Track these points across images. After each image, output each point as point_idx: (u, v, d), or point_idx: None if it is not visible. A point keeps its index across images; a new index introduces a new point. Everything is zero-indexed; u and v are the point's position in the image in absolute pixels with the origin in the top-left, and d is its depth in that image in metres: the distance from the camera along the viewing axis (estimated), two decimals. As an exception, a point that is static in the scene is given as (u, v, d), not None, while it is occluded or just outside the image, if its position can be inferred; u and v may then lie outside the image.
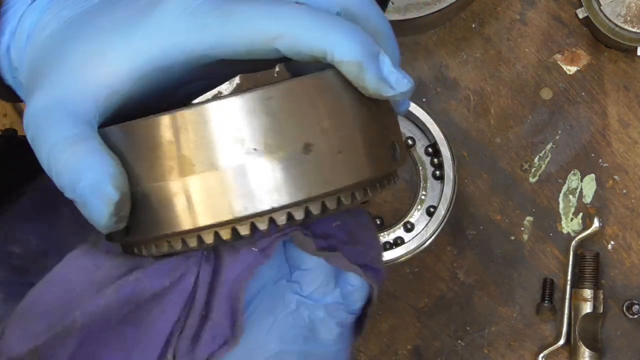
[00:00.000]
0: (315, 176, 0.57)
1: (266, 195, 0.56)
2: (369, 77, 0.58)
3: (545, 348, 0.99)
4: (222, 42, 0.58)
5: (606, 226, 1.00)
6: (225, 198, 0.56)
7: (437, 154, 0.98)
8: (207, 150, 0.56)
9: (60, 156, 0.56)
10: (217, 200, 0.56)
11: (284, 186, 0.56)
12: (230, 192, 0.56)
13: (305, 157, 0.57)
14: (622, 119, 1.01)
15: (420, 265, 1.00)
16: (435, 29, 1.01)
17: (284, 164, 0.56)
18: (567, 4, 1.01)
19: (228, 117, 0.56)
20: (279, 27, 0.57)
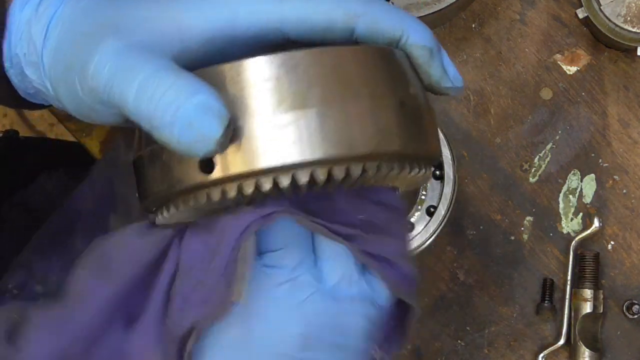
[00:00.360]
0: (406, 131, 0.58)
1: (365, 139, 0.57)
2: (436, 64, 0.61)
3: (545, 348, 0.99)
4: (302, 15, 0.58)
5: (606, 226, 1.00)
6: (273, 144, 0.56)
7: (437, 154, 0.98)
8: (317, 88, 0.56)
9: (162, 82, 0.54)
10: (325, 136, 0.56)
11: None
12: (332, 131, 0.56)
13: (400, 111, 0.59)
14: (622, 119, 1.01)
15: (420, 265, 1.00)
16: (435, 29, 1.01)
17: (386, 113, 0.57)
18: (567, 4, 1.01)
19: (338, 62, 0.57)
20: (360, 6, 0.58)
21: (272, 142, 0.56)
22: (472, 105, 1.01)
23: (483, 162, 1.01)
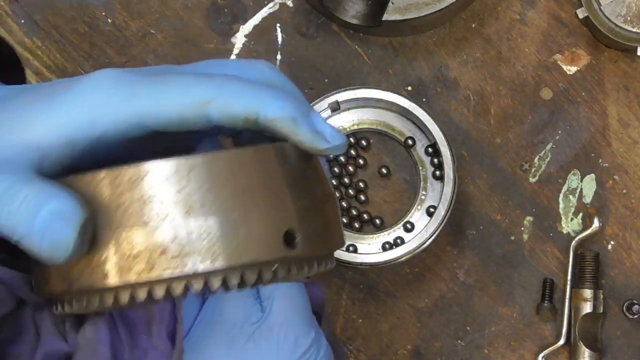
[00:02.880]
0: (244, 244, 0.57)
1: (190, 259, 0.56)
2: (304, 130, 0.59)
3: (545, 348, 0.99)
4: (153, 110, 0.58)
5: (606, 226, 1.00)
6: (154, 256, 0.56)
7: (437, 154, 0.98)
8: (143, 208, 0.56)
9: (16, 196, 0.55)
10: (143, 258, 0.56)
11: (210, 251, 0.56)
12: (158, 251, 0.56)
13: (238, 225, 0.57)
14: (622, 119, 1.01)
15: (420, 265, 1.00)
16: (435, 29, 1.01)
17: (214, 230, 0.56)
18: (567, 4, 1.01)
19: (165, 178, 0.57)
20: (210, 92, 0.58)
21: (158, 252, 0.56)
22: (472, 105, 1.01)
23: (483, 162, 1.01)
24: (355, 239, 0.98)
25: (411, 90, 1.01)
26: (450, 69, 1.01)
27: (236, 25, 1.01)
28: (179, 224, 0.56)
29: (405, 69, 1.01)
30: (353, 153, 1.00)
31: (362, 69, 1.01)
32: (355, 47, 1.01)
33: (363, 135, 1.00)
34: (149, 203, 0.56)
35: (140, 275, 0.56)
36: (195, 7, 1.01)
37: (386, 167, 1.00)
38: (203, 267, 0.56)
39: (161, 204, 0.56)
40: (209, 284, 0.56)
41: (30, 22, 1.01)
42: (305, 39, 1.01)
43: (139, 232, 0.56)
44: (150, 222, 0.56)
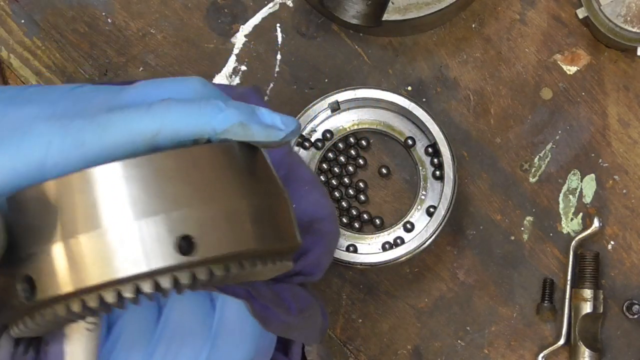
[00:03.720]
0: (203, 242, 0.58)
1: (143, 260, 0.57)
2: (255, 130, 0.60)
3: (545, 348, 0.99)
4: (103, 154, 0.59)
5: (606, 226, 1.00)
6: (105, 260, 0.57)
7: (437, 154, 0.98)
8: (89, 213, 0.57)
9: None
10: (98, 262, 0.57)
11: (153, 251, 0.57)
12: (109, 255, 0.57)
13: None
14: (622, 119, 1.01)
15: (420, 265, 1.00)
16: (435, 29, 1.01)
17: (159, 229, 0.57)
18: (567, 4, 1.01)
19: (109, 182, 0.57)
20: (155, 125, 0.59)
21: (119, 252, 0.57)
22: (472, 105, 1.01)
23: (483, 162, 1.01)
24: (355, 239, 0.98)
25: (411, 90, 1.01)
26: (450, 69, 1.01)
27: (236, 25, 1.01)
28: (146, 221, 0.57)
29: (405, 69, 1.01)
30: (353, 153, 1.00)
31: (362, 69, 1.01)
32: (355, 47, 1.01)
33: (363, 135, 1.00)
34: (93, 208, 0.57)
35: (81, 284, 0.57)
36: (195, 7, 1.01)
37: (386, 167, 1.00)
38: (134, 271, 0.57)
39: (103, 208, 0.57)
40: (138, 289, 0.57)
41: (30, 22, 1.01)
42: (305, 39, 1.01)
43: (86, 237, 0.57)
44: (104, 225, 0.57)
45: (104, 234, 0.57)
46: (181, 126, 0.59)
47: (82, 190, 0.57)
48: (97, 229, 0.57)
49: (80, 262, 0.57)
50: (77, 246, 0.57)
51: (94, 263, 0.57)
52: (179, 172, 0.58)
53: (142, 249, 0.57)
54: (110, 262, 0.57)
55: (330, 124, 1.00)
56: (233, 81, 1.01)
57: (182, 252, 0.57)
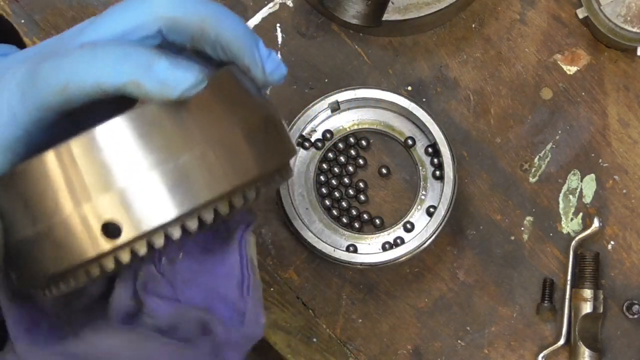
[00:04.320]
0: (207, 180, 0.60)
1: (160, 209, 0.59)
2: (148, 88, 0.60)
3: (545, 348, 0.99)
4: (38, 103, 0.60)
5: (606, 226, 1.00)
6: (122, 218, 0.58)
7: (437, 154, 0.98)
8: (96, 175, 0.58)
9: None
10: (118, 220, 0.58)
11: (176, 196, 0.59)
12: (126, 211, 0.58)
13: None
14: (622, 119, 1.01)
15: (420, 265, 1.00)
16: (435, 29, 1.01)
17: (171, 176, 0.59)
18: (567, 4, 1.01)
19: (111, 140, 0.59)
20: (62, 78, 0.60)
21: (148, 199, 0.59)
22: (472, 105, 1.01)
23: (483, 162, 1.01)
24: (355, 239, 0.98)
25: (411, 90, 1.01)
26: (450, 69, 1.01)
27: (236, 25, 1.01)
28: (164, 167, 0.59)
29: (405, 69, 1.01)
30: (353, 153, 1.00)
31: (362, 69, 1.01)
32: (355, 47, 1.01)
33: (363, 135, 1.00)
34: (106, 167, 0.58)
35: (118, 240, 0.58)
36: (195, 7, 1.01)
37: (386, 167, 1.00)
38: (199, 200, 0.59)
39: (116, 165, 0.58)
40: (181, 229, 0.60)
41: (30, 22, 1.01)
42: (305, 39, 1.01)
43: (104, 198, 0.58)
44: (113, 184, 0.58)
45: (120, 192, 0.58)
46: (81, 80, 0.60)
47: (84, 154, 0.58)
48: (111, 188, 0.58)
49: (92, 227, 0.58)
50: (92, 209, 0.58)
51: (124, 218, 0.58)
52: (168, 121, 0.59)
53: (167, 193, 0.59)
54: (135, 216, 0.58)
55: (330, 124, 1.00)
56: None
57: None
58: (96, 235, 0.58)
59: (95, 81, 0.59)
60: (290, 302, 1.00)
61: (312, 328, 1.00)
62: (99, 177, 0.58)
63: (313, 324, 1.00)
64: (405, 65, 1.01)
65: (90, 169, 0.58)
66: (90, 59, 0.60)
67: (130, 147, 0.58)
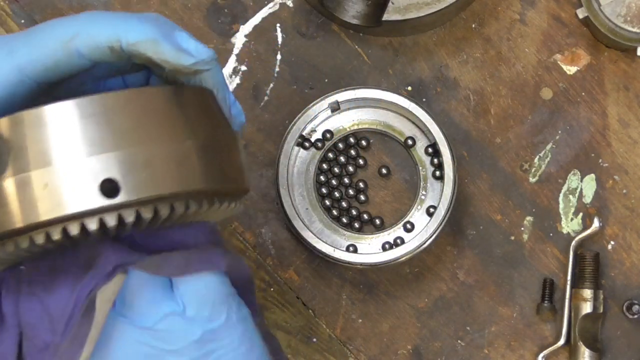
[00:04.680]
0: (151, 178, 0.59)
1: (94, 196, 0.58)
2: (166, 50, 0.61)
3: (545, 348, 0.99)
4: (29, 60, 0.60)
5: (606, 226, 1.00)
6: (57, 195, 0.58)
7: (437, 154, 0.98)
8: (40, 149, 0.58)
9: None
10: (50, 197, 0.58)
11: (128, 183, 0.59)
12: (61, 190, 0.58)
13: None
14: (622, 119, 1.01)
15: (420, 265, 1.00)
16: (435, 29, 1.01)
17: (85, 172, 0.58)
18: (567, 4, 1.01)
19: (60, 120, 0.59)
20: (72, 29, 0.60)
21: (78, 188, 0.58)
22: (472, 105, 1.01)
23: (483, 162, 1.01)
24: (355, 239, 0.98)
25: (411, 90, 1.01)
26: (450, 69, 1.01)
27: (236, 25, 1.01)
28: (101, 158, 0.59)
29: (405, 69, 1.01)
30: (353, 153, 1.00)
31: (362, 69, 1.01)
32: (355, 47, 1.01)
33: (363, 135, 1.00)
34: (47, 143, 0.58)
35: (49, 214, 0.58)
36: (195, 7, 1.01)
37: (386, 167, 1.00)
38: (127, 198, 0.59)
39: (57, 144, 0.58)
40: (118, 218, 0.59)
41: (30, 22, 1.01)
42: (305, 39, 1.01)
43: (42, 172, 0.58)
44: (54, 161, 0.58)
45: (50, 172, 0.58)
46: (97, 32, 0.60)
47: (33, 127, 0.58)
48: (46, 166, 0.58)
49: (29, 199, 0.58)
50: (27, 183, 0.58)
51: (40, 200, 0.58)
52: (113, 115, 0.59)
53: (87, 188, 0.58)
54: (57, 201, 0.58)
55: (330, 124, 1.00)
56: (233, 81, 1.01)
57: (106, 195, 0.58)
58: (14, 209, 0.58)
59: (113, 33, 0.59)
60: (290, 302, 1.00)
61: (312, 328, 1.00)
62: (41, 152, 0.58)
63: (313, 324, 1.00)
64: (405, 65, 1.01)
65: (36, 143, 0.58)
66: (110, 15, 0.60)
67: (76, 130, 0.58)
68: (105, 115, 0.59)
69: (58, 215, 0.58)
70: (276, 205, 0.99)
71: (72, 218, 0.58)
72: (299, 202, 0.98)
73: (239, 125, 0.68)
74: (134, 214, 0.59)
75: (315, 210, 0.99)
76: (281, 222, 1.00)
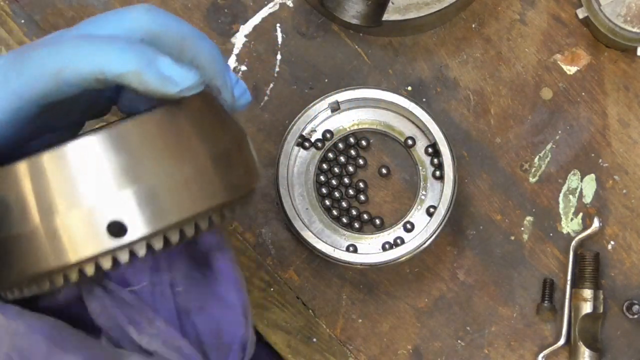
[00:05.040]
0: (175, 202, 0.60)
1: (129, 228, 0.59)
2: (150, 80, 0.60)
3: (545, 348, 0.99)
4: (21, 90, 0.60)
5: (606, 226, 1.00)
6: (87, 234, 0.59)
7: (437, 154, 0.98)
8: (65, 191, 0.58)
9: None
10: (80, 237, 0.59)
11: (143, 216, 0.59)
12: (92, 228, 0.59)
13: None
14: (622, 119, 1.01)
15: (420, 265, 1.00)
16: (435, 29, 1.01)
17: (138, 198, 0.59)
18: (567, 4, 1.01)
19: (82, 157, 0.59)
20: (58, 62, 0.60)
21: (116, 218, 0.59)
22: (472, 105, 1.01)
23: (483, 162, 1.01)
24: (355, 239, 0.98)
25: (411, 90, 1.01)
26: (450, 69, 1.01)
27: (236, 25, 1.01)
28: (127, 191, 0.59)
29: (405, 69, 1.01)
30: (353, 153, 1.00)
31: (362, 69, 1.01)
32: (355, 47, 1.01)
33: (363, 135, 1.00)
34: (74, 183, 0.59)
35: (80, 253, 0.59)
36: (195, 7, 1.01)
37: (386, 167, 1.00)
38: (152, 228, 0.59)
39: (82, 182, 0.59)
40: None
41: (30, 22, 1.01)
42: (305, 39, 1.01)
43: (74, 212, 0.59)
44: (81, 201, 0.59)
45: (88, 210, 0.58)
46: (80, 65, 0.60)
47: (56, 169, 0.59)
48: (79, 205, 0.59)
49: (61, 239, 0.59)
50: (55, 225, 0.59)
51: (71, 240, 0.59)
52: (139, 141, 0.60)
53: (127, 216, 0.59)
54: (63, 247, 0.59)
55: (330, 124, 1.00)
56: (233, 81, 1.01)
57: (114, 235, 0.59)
58: (63, 248, 0.59)
59: (96, 67, 0.59)
60: (290, 302, 1.00)
61: (312, 328, 1.00)
62: (68, 193, 0.58)
63: (313, 324, 1.00)
64: (405, 65, 1.01)
65: (60, 184, 0.58)
66: (93, 46, 0.60)
67: (101, 165, 0.59)
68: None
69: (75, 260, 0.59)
70: (276, 205, 0.99)
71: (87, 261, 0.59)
72: (299, 202, 0.98)
73: (245, 105, 0.67)
74: (178, 234, 0.60)
75: (315, 210, 0.99)
76: (281, 222, 1.00)
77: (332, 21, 1.01)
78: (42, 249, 0.59)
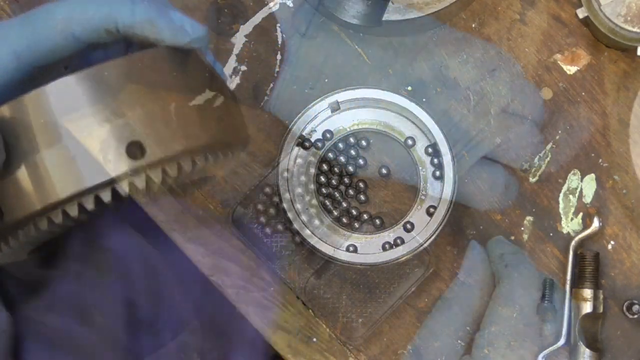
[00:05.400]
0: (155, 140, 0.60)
1: (112, 163, 0.59)
2: (163, 29, 0.61)
3: (545, 348, 0.99)
4: (26, 46, 0.61)
5: (606, 226, 1.00)
6: (74, 170, 0.59)
7: (437, 154, 0.98)
8: (46, 129, 0.59)
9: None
10: (67, 173, 0.59)
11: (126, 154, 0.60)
12: (77, 164, 0.59)
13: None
14: (622, 119, 1.01)
15: (420, 266, 1.00)
16: (435, 29, 1.01)
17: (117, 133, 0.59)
18: (567, 4, 1.01)
19: (62, 95, 0.59)
20: (67, 13, 0.60)
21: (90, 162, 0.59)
22: (472, 105, 1.01)
23: (483, 162, 1.01)
24: (355, 239, 0.98)
25: (411, 90, 1.01)
26: (450, 69, 1.01)
27: (236, 25, 1.01)
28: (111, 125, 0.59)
29: (405, 69, 1.01)
30: (353, 153, 1.00)
31: (362, 69, 1.01)
32: (355, 47, 1.01)
33: (363, 135, 1.00)
34: (55, 121, 0.59)
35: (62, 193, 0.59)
36: (196, 7, 1.01)
37: (386, 167, 1.00)
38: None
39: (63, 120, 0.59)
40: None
41: (30, 22, 1.01)
42: (305, 39, 1.01)
43: (50, 152, 0.58)
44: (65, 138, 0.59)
45: (62, 149, 0.59)
46: (92, 15, 0.60)
47: (35, 109, 0.59)
48: (56, 144, 0.59)
49: (43, 180, 0.59)
50: (39, 164, 0.59)
51: (56, 179, 0.59)
52: (119, 82, 0.60)
53: (99, 159, 0.59)
54: (71, 176, 0.59)
55: (330, 124, 1.00)
56: (233, 81, 1.01)
57: (132, 157, 0.59)
58: (46, 188, 0.59)
59: (109, 16, 0.60)
60: (290, 302, 1.00)
61: (312, 328, 1.00)
62: (50, 131, 0.58)
63: (313, 324, 1.00)
64: (405, 65, 1.01)
65: (40, 123, 0.58)
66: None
67: (80, 103, 0.59)
68: (111, 82, 0.59)
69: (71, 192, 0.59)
70: (276, 206, 0.99)
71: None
72: (299, 202, 0.98)
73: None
74: (160, 174, 0.60)
75: (315, 210, 0.99)
76: (281, 222, 1.00)
77: (332, 21, 1.01)
78: (27, 190, 0.59)
